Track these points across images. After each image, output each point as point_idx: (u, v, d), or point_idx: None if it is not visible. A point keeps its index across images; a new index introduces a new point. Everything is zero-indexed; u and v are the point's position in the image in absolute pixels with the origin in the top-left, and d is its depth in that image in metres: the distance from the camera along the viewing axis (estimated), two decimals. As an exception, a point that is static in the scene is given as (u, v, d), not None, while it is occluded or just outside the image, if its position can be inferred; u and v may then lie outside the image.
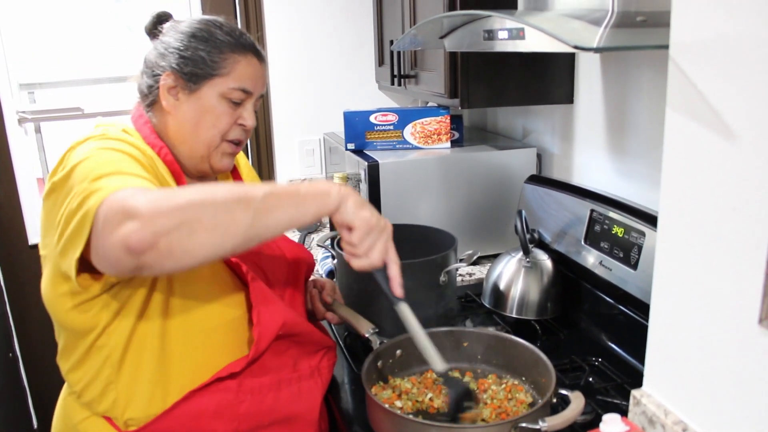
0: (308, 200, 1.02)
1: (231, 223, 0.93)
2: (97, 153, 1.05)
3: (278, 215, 0.98)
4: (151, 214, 0.88)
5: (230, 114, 1.23)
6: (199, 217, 0.91)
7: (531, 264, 1.65)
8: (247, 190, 0.97)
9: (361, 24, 2.65)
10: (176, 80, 1.21)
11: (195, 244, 0.91)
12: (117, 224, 0.88)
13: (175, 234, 0.89)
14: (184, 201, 0.90)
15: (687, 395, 0.96)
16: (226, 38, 1.22)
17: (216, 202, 0.93)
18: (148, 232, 0.87)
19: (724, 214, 0.84)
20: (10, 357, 2.55)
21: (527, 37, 1.26)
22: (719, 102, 0.83)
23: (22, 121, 2.55)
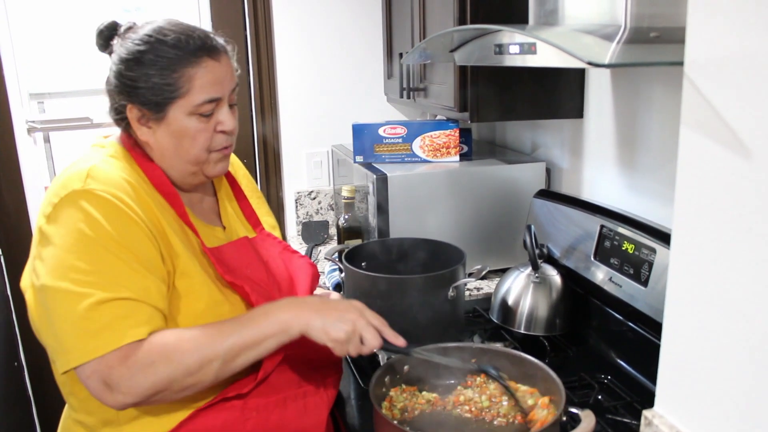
0: (269, 341, 1.10)
1: (197, 383, 1.06)
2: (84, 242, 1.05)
3: (242, 360, 1.09)
4: (129, 391, 1.02)
5: (205, 127, 1.19)
6: (170, 385, 1.04)
7: (540, 279, 1.63)
8: (213, 342, 1.06)
9: (371, 37, 2.65)
10: (141, 110, 1.17)
11: (170, 398, 1.07)
12: (100, 389, 1.02)
13: (151, 399, 1.04)
14: (158, 373, 1.02)
15: (700, 417, 0.94)
16: (174, 52, 1.14)
17: (186, 369, 1.04)
18: (128, 401, 1.03)
19: (739, 234, 0.83)
20: (15, 366, 2.55)
21: (538, 51, 1.25)
22: (735, 120, 0.82)
23: (32, 131, 2.56)
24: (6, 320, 2.51)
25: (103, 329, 1.01)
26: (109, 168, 1.13)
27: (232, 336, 1.07)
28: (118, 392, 1.01)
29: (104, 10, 2.61)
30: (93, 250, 1.04)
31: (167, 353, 1.03)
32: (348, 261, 1.61)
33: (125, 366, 1.01)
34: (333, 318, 1.10)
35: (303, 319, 1.09)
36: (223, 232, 1.31)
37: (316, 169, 2.72)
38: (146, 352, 1.02)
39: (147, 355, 1.02)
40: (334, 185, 2.68)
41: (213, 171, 1.25)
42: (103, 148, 1.20)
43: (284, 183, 2.73)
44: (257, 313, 1.11)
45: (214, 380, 1.07)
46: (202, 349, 1.05)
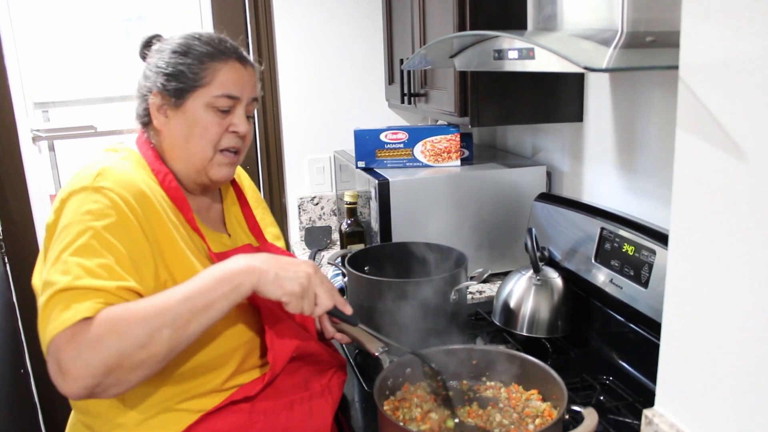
0: (220, 298, 1.04)
1: (151, 356, 0.99)
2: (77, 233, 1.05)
3: (195, 324, 1.03)
4: (77, 373, 0.95)
5: (219, 123, 1.23)
6: (120, 362, 0.97)
7: (541, 282, 1.65)
8: (160, 309, 1.00)
9: (371, 43, 2.67)
10: (163, 98, 1.22)
11: (127, 380, 0.99)
12: (55, 376, 0.97)
13: (105, 382, 0.97)
14: (105, 351, 0.96)
15: (700, 415, 0.96)
16: (205, 48, 1.22)
17: (134, 337, 0.98)
18: (80, 387, 0.96)
19: (735, 234, 0.84)
20: (22, 373, 2.56)
21: (537, 57, 1.27)
22: (729, 122, 0.83)
23: (37, 140, 2.58)
24: (12, 327, 2.53)
25: (58, 312, 0.99)
26: (121, 169, 1.15)
27: (180, 302, 1.02)
28: (68, 375, 0.95)
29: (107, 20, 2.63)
30: (83, 241, 1.04)
31: (114, 325, 0.98)
32: (351, 265, 1.62)
33: (72, 344, 0.96)
34: (286, 272, 1.08)
35: (254, 275, 1.06)
36: (228, 239, 1.32)
37: (319, 174, 2.74)
38: (94, 328, 0.97)
39: (94, 330, 0.97)
40: (336, 191, 2.70)
41: (216, 174, 1.26)
42: (117, 152, 1.23)
43: (287, 189, 2.75)
44: (205, 275, 1.06)
45: (168, 352, 1.01)
46: (149, 318, 0.99)
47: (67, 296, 0.99)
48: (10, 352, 2.46)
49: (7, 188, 2.51)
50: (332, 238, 2.65)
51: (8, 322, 2.49)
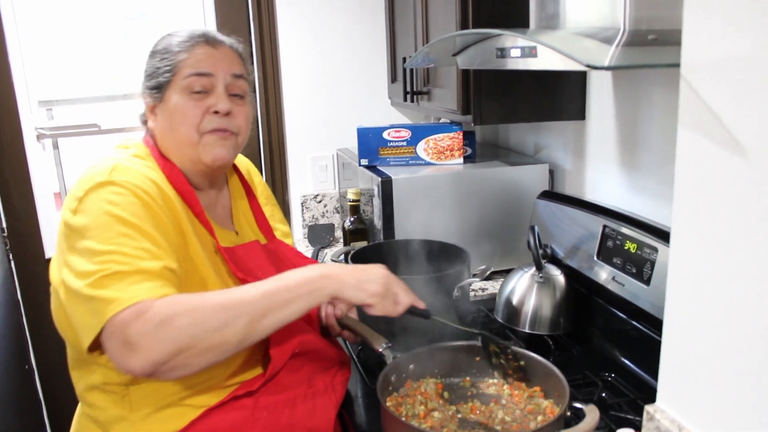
0: (300, 298, 1.06)
1: (223, 343, 1.00)
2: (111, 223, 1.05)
3: (270, 320, 1.04)
4: (148, 347, 0.95)
5: (195, 105, 1.22)
6: (194, 343, 0.97)
7: (544, 279, 1.65)
8: (239, 300, 1.01)
9: (374, 41, 2.68)
10: (148, 97, 1.26)
11: (192, 364, 1.00)
12: (118, 351, 0.97)
13: (173, 361, 0.97)
14: (180, 327, 0.97)
15: (701, 411, 0.96)
16: (177, 42, 1.25)
17: (210, 324, 0.99)
18: (148, 363, 0.96)
19: (736, 231, 0.85)
20: (26, 369, 2.58)
21: (539, 55, 1.27)
22: (731, 120, 0.84)
23: (41, 137, 2.59)
24: (17, 324, 2.54)
25: (115, 294, 0.99)
26: (133, 166, 1.17)
27: (259, 295, 1.03)
28: (138, 349, 0.95)
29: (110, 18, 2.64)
30: (116, 230, 1.05)
31: (189, 307, 0.99)
32: (354, 262, 1.63)
33: (142, 320, 0.96)
34: (366, 275, 1.11)
35: (335, 281, 1.08)
36: (235, 236, 1.33)
37: (322, 172, 2.75)
38: (165, 306, 0.98)
39: (166, 308, 0.98)
40: (339, 188, 2.71)
41: (208, 156, 1.25)
42: (128, 149, 1.24)
43: (290, 187, 2.76)
44: (286, 275, 1.08)
45: (240, 342, 1.02)
46: (226, 307, 1.00)
47: (118, 278, 1.00)
48: (14, 347, 2.47)
49: (11, 186, 2.52)
50: (335, 236, 2.66)
51: (13, 318, 2.50)
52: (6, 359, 2.35)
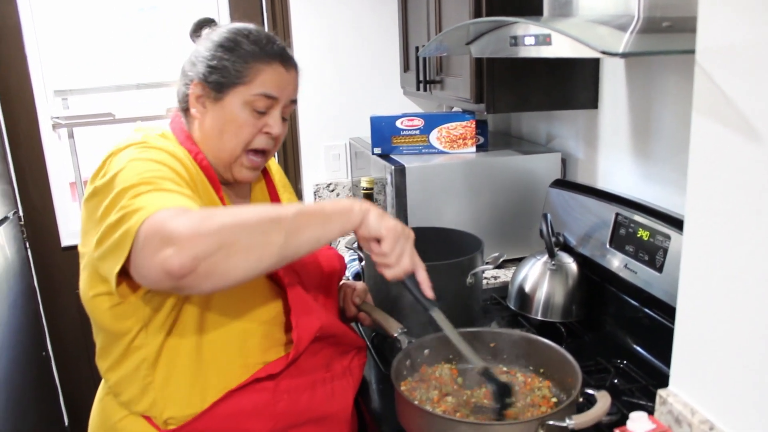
0: (333, 218, 1.06)
1: (265, 244, 0.97)
2: (137, 163, 1.07)
3: (307, 235, 1.02)
4: (189, 240, 0.90)
5: (253, 123, 1.24)
6: (235, 241, 0.93)
7: (556, 267, 1.66)
8: (277, 211, 1.00)
9: (387, 30, 2.68)
10: (203, 89, 1.23)
11: (232, 266, 0.94)
12: (156, 249, 0.91)
13: (213, 258, 0.91)
14: (220, 224, 0.93)
15: (714, 395, 0.97)
16: (251, 47, 1.23)
17: (250, 225, 0.96)
18: (188, 256, 0.90)
19: (750, 217, 0.85)
20: (44, 356, 2.62)
21: (553, 42, 1.28)
22: (746, 106, 0.84)
23: (56, 127, 2.62)
24: (34, 311, 2.58)
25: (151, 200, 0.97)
26: (159, 140, 1.19)
27: (297, 207, 1.02)
28: (180, 242, 0.89)
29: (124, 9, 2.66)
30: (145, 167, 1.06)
31: (230, 211, 0.97)
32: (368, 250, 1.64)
33: (184, 216, 0.93)
34: (390, 217, 1.13)
35: (365, 206, 1.09)
36: None
37: (335, 161, 2.76)
38: (205, 210, 0.96)
39: (206, 211, 0.96)
40: (352, 177, 2.72)
41: (239, 174, 1.27)
42: (152, 129, 1.25)
43: (303, 175, 2.77)
44: (315, 203, 1.09)
45: (279, 253, 0.98)
46: (267, 212, 0.99)
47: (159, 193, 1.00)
48: (32, 335, 2.51)
49: (27, 175, 2.56)
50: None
51: (30, 306, 2.54)
52: (23, 346, 2.39)
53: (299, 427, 1.24)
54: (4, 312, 2.23)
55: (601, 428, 1.21)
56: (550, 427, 1.09)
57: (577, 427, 1.08)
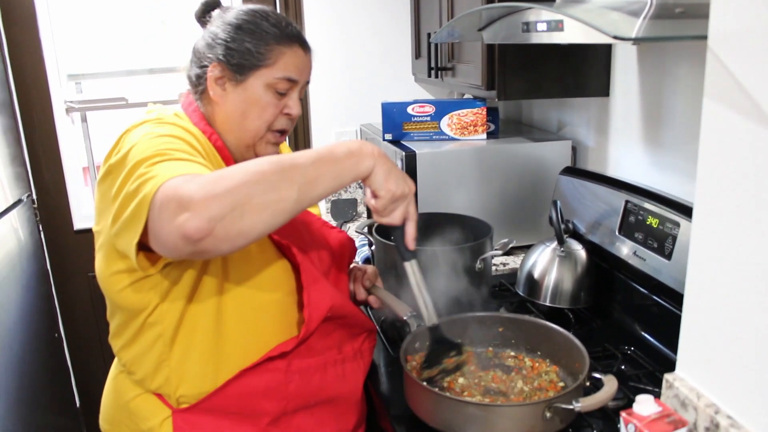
0: (345, 168, 1.06)
1: (279, 200, 0.97)
2: (152, 137, 1.08)
3: (321, 187, 1.02)
4: (204, 202, 0.91)
5: (275, 104, 1.25)
6: (249, 199, 0.93)
7: (565, 253, 1.67)
8: (291, 163, 1.00)
9: (399, 17, 2.68)
10: (223, 71, 1.23)
11: (248, 224, 0.94)
12: (173, 213, 0.91)
13: (229, 218, 0.92)
14: (234, 183, 0.93)
15: (720, 379, 0.98)
16: (272, 30, 1.23)
17: (264, 181, 0.96)
18: (203, 219, 0.90)
19: (759, 201, 0.86)
20: (56, 338, 2.65)
21: (566, 28, 1.28)
22: (757, 91, 0.84)
23: (70, 111, 2.64)
24: (47, 293, 2.61)
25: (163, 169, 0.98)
26: (173, 119, 1.20)
27: (310, 154, 1.03)
28: (194, 205, 0.91)
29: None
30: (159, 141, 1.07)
31: (242, 169, 0.97)
32: (378, 234, 1.66)
33: (196, 181, 0.94)
34: (396, 174, 1.12)
35: (374, 160, 1.09)
36: None
37: (345, 147, 2.76)
38: (218, 171, 0.97)
39: (219, 172, 0.96)
40: (362, 164, 2.72)
41: (263, 152, 1.28)
42: (165, 110, 1.26)
43: (313, 162, 2.78)
44: (335, 144, 1.08)
45: (295, 204, 0.99)
46: (278, 166, 0.98)
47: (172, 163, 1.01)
48: (44, 317, 2.54)
49: (41, 158, 2.58)
50: (358, 211, 2.69)
51: (43, 289, 2.57)
52: (36, 328, 2.42)
53: (310, 408, 1.26)
54: (17, 294, 2.26)
55: (608, 412, 1.22)
56: (557, 410, 1.10)
57: (583, 410, 1.10)
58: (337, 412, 1.29)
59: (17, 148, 2.45)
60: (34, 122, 2.54)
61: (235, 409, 1.20)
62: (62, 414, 2.65)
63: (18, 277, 2.28)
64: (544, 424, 1.11)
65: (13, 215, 2.30)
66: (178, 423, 1.19)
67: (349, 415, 1.32)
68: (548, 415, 1.10)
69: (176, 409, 1.20)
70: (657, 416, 0.97)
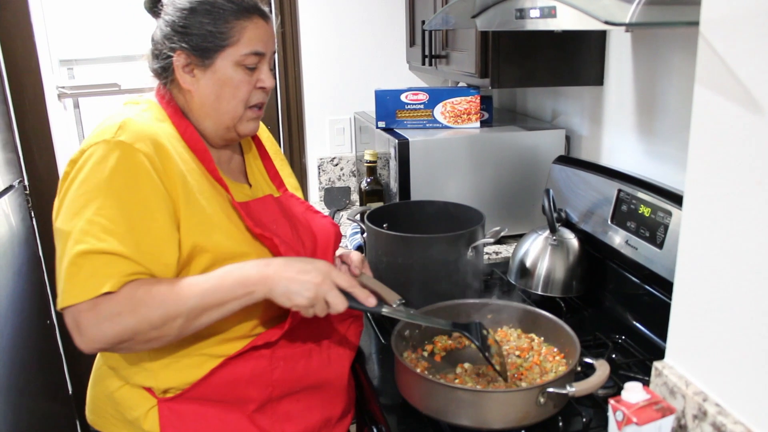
0: (232, 302, 1.11)
1: (161, 337, 1.10)
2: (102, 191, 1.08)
3: (203, 321, 1.11)
4: (95, 337, 1.06)
5: (248, 81, 1.24)
6: (135, 336, 1.07)
7: (557, 242, 1.67)
8: (176, 303, 1.08)
9: (393, 4, 2.67)
10: (188, 58, 1.21)
11: (136, 348, 1.13)
12: (72, 332, 1.07)
13: (117, 347, 1.09)
14: (124, 327, 1.06)
15: (708, 367, 0.98)
16: (229, 6, 1.21)
17: (150, 325, 1.07)
18: (93, 348, 1.08)
19: (749, 188, 0.86)
20: (48, 324, 2.64)
21: (559, 15, 1.27)
22: (748, 77, 0.84)
23: (62, 96, 2.63)
24: (39, 280, 2.60)
25: (83, 279, 1.05)
26: (142, 122, 1.16)
27: (197, 296, 1.08)
28: (86, 336, 1.05)
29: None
30: (102, 198, 1.07)
31: (134, 306, 1.06)
32: (370, 221, 1.65)
33: (93, 313, 1.04)
34: (296, 285, 1.10)
35: (267, 285, 1.10)
36: (249, 189, 1.34)
37: (339, 135, 2.76)
38: (115, 303, 1.05)
39: (115, 306, 1.05)
40: (356, 151, 2.72)
41: (245, 129, 1.28)
42: (138, 105, 1.24)
43: (307, 149, 2.78)
44: (225, 274, 1.11)
45: (177, 336, 1.10)
46: (167, 306, 1.07)
47: (91, 260, 1.05)
48: (36, 304, 2.53)
49: (33, 144, 2.56)
50: (351, 199, 2.68)
51: (35, 275, 2.55)
52: (28, 315, 2.41)
53: (296, 393, 1.26)
54: (9, 280, 2.25)
55: (597, 400, 1.23)
56: (551, 395, 1.10)
57: (577, 394, 1.10)
58: (323, 397, 1.29)
59: (9, 133, 2.43)
60: (26, 108, 2.52)
61: (221, 397, 1.20)
62: (54, 400, 2.64)
63: (10, 263, 2.27)
64: (538, 409, 1.11)
65: (4, 201, 2.28)
66: (164, 412, 1.19)
67: (337, 400, 1.32)
68: (542, 401, 1.10)
69: (162, 399, 1.20)
70: (645, 404, 0.97)
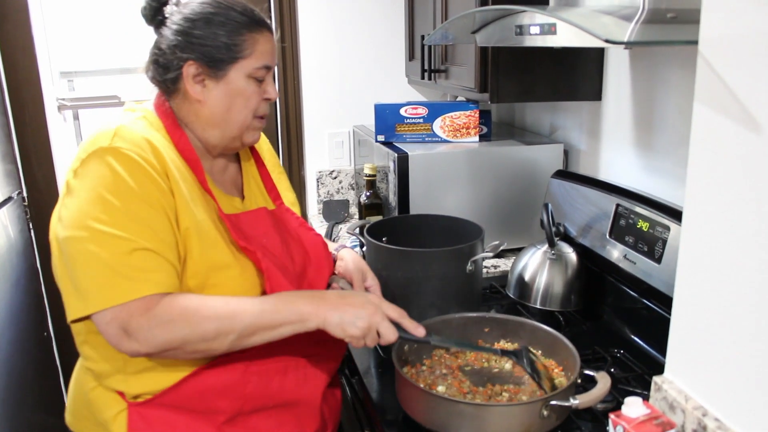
0: (285, 326, 1.13)
1: (210, 350, 1.12)
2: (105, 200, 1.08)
3: (254, 341, 1.13)
4: (146, 341, 1.06)
5: (257, 92, 1.26)
6: (185, 345, 1.09)
7: (556, 256, 1.67)
8: (232, 319, 1.10)
9: (393, 19, 2.68)
10: (200, 68, 1.21)
11: (182, 356, 1.14)
12: (118, 337, 1.06)
13: (164, 354, 1.10)
14: (176, 334, 1.07)
15: (708, 382, 0.99)
16: (242, 18, 1.23)
17: (202, 336, 1.09)
18: (142, 352, 1.08)
19: (748, 205, 0.86)
20: (45, 336, 2.63)
21: (558, 32, 1.29)
22: (746, 96, 0.85)
23: (62, 108, 2.63)
24: (36, 292, 2.59)
25: (127, 277, 1.05)
26: (136, 128, 1.17)
27: (252, 315, 1.11)
28: (135, 341, 1.05)
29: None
30: (115, 203, 1.08)
31: (188, 315, 1.08)
32: (369, 235, 1.66)
33: (145, 317, 1.05)
34: (349, 315, 1.14)
35: (321, 315, 1.13)
36: (241, 203, 1.33)
37: (338, 148, 2.77)
38: (167, 308, 1.07)
39: (168, 311, 1.07)
40: (355, 165, 2.73)
41: (250, 138, 1.30)
42: (134, 112, 1.25)
43: (306, 162, 2.78)
44: (281, 299, 1.15)
45: (226, 351, 1.13)
46: (221, 320, 1.09)
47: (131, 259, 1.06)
48: (34, 316, 2.52)
49: (32, 156, 2.56)
50: (350, 212, 2.69)
51: (33, 287, 2.55)
52: (26, 326, 2.40)
53: (268, 410, 1.25)
54: (7, 292, 2.24)
55: (597, 414, 1.23)
56: (554, 408, 1.11)
57: (581, 406, 1.11)
58: (297, 415, 1.28)
59: (8, 145, 2.43)
60: (26, 119, 2.52)
61: (191, 405, 1.19)
62: (50, 413, 2.62)
63: (7, 275, 2.26)
64: (541, 422, 1.12)
65: (3, 213, 2.28)
66: (132, 417, 1.18)
67: (310, 420, 1.30)
68: (545, 413, 1.11)
69: (132, 403, 1.19)
70: (645, 418, 0.98)
